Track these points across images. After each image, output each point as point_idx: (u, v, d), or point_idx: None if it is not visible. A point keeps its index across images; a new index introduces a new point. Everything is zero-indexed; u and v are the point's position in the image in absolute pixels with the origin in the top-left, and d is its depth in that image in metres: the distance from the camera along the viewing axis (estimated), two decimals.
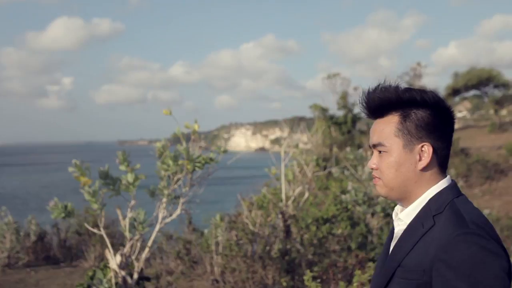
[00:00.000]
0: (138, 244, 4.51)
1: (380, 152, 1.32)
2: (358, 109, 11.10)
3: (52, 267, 8.37)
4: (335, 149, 23.17)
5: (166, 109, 4.35)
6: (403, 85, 1.31)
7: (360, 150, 13.65)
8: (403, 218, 1.31)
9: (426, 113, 1.27)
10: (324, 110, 25.46)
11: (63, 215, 4.26)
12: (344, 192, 8.13)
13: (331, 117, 25.81)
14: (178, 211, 4.52)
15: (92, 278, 4.50)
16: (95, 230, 4.67)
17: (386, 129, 1.30)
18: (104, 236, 4.49)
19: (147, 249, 4.62)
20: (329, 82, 26.50)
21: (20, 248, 8.33)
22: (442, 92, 20.21)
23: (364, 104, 1.33)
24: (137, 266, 4.55)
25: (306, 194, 7.31)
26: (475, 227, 1.16)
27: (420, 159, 1.28)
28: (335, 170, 12.59)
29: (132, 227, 4.42)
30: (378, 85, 1.30)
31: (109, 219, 8.61)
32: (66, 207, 4.30)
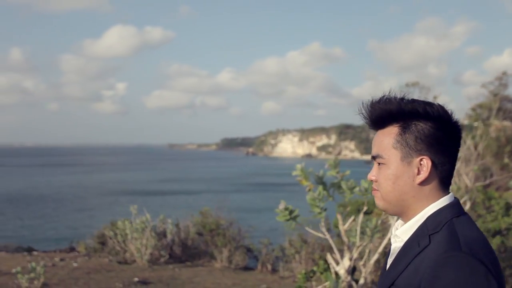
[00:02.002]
0: (367, 250, 4.53)
1: (379, 164, 1.28)
2: None
3: (183, 265, 8.99)
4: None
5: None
6: (409, 97, 1.26)
7: None
8: (400, 235, 1.26)
9: (427, 125, 1.22)
10: None
11: (287, 218, 4.28)
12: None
13: None
14: None
15: (307, 279, 4.47)
16: (320, 234, 4.65)
17: (385, 140, 1.26)
18: (330, 240, 4.46)
19: (376, 255, 4.52)
20: (407, 90, 32.80)
21: (161, 246, 9.02)
22: None
23: (365, 114, 1.29)
24: (364, 272, 4.45)
25: (468, 204, 6.73)
26: (467, 249, 1.10)
27: (418, 173, 1.22)
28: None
29: (361, 232, 4.35)
30: (383, 96, 1.26)
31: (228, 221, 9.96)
32: (292, 211, 4.29)
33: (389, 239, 3.96)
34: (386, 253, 1.41)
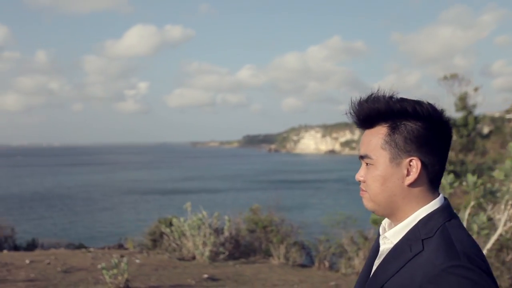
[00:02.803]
0: None
1: (367, 164, 1.24)
2: (479, 111, 24.14)
3: (240, 262, 8.96)
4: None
5: None
6: (398, 95, 1.22)
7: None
8: (389, 237, 1.23)
9: (417, 125, 1.18)
10: None
11: None
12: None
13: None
14: None
15: None
16: None
17: (374, 140, 1.22)
18: None
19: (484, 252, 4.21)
20: (445, 83, 23.75)
21: (219, 243, 9.03)
22: None
23: (353, 113, 1.26)
24: None
25: None
26: (466, 259, 1.07)
27: (407, 174, 1.19)
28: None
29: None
30: (371, 94, 1.23)
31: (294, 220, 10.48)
32: None
33: (498, 235, 4.19)
34: (370, 250, 1.36)
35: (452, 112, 24.10)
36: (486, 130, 28.94)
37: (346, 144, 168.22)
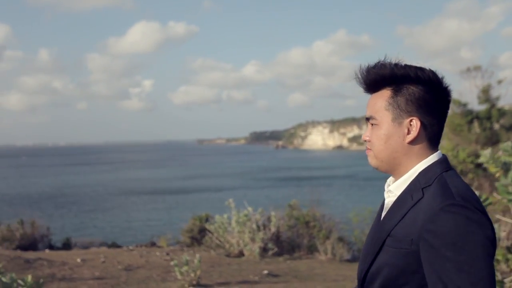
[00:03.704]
0: None
1: (372, 125, 1.36)
2: (502, 103, 18.98)
3: (287, 258, 9.06)
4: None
5: None
6: (403, 62, 1.32)
7: None
8: (393, 190, 1.34)
9: (418, 88, 1.29)
10: (463, 104, 22.35)
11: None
12: None
13: (471, 112, 22.65)
14: None
15: None
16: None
17: (378, 103, 1.34)
18: None
19: None
20: (468, 75, 22.99)
21: (267, 239, 9.14)
22: None
23: (360, 78, 1.37)
24: None
25: None
26: (460, 199, 1.18)
27: (408, 133, 1.30)
28: None
29: None
30: (378, 62, 1.34)
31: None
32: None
33: None
34: (379, 207, 1.46)
35: (475, 105, 23.73)
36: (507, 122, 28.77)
37: (354, 139, 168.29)
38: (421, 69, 1.30)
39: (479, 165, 17.97)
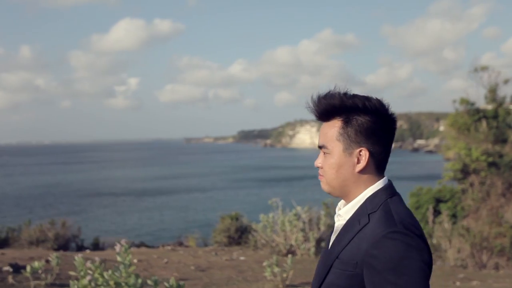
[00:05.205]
0: None
1: (324, 153, 1.43)
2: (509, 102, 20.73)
3: None
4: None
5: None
6: (351, 92, 1.39)
7: None
8: (342, 214, 1.42)
9: (366, 119, 1.36)
10: (471, 104, 23.01)
11: None
12: None
13: (478, 111, 23.15)
14: None
15: None
16: None
17: (330, 132, 1.41)
18: None
19: None
20: (475, 75, 23.60)
21: (319, 238, 9.22)
22: None
23: (312, 108, 1.44)
24: None
25: None
26: (402, 226, 1.27)
27: (358, 162, 1.37)
28: None
29: None
30: (328, 92, 1.40)
31: None
32: None
33: None
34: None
35: (482, 104, 24.43)
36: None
37: None
38: (368, 99, 1.37)
39: (492, 164, 20.50)
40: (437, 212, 17.99)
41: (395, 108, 1.45)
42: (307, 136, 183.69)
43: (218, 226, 12.52)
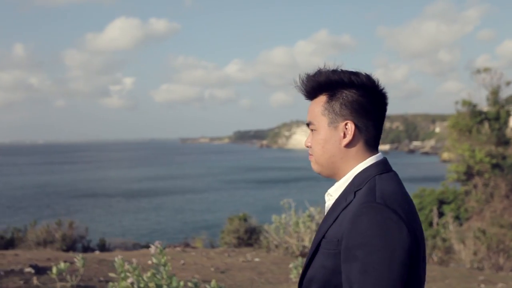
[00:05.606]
0: None
1: (312, 130, 1.39)
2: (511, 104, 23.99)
3: None
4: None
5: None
6: (341, 68, 1.35)
7: None
8: (332, 193, 1.37)
9: (351, 92, 1.32)
10: (473, 105, 22.98)
11: None
12: None
13: (480, 113, 23.07)
14: None
15: None
16: None
17: (316, 109, 1.37)
18: None
19: None
20: (477, 77, 23.63)
21: None
22: None
23: (299, 86, 1.40)
24: None
25: None
26: (382, 200, 1.20)
27: (344, 136, 1.32)
28: None
29: None
30: (317, 70, 1.36)
31: None
32: None
33: None
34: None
35: (484, 106, 24.51)
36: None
37: None
38: (355, 73, 1.33)
39: (495, 165, 20.53)
40: (440, 214, 18.38)
41: (391, 109, 1.42)
42: (303, 137, 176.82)
43: (226, 227, 12.44)
